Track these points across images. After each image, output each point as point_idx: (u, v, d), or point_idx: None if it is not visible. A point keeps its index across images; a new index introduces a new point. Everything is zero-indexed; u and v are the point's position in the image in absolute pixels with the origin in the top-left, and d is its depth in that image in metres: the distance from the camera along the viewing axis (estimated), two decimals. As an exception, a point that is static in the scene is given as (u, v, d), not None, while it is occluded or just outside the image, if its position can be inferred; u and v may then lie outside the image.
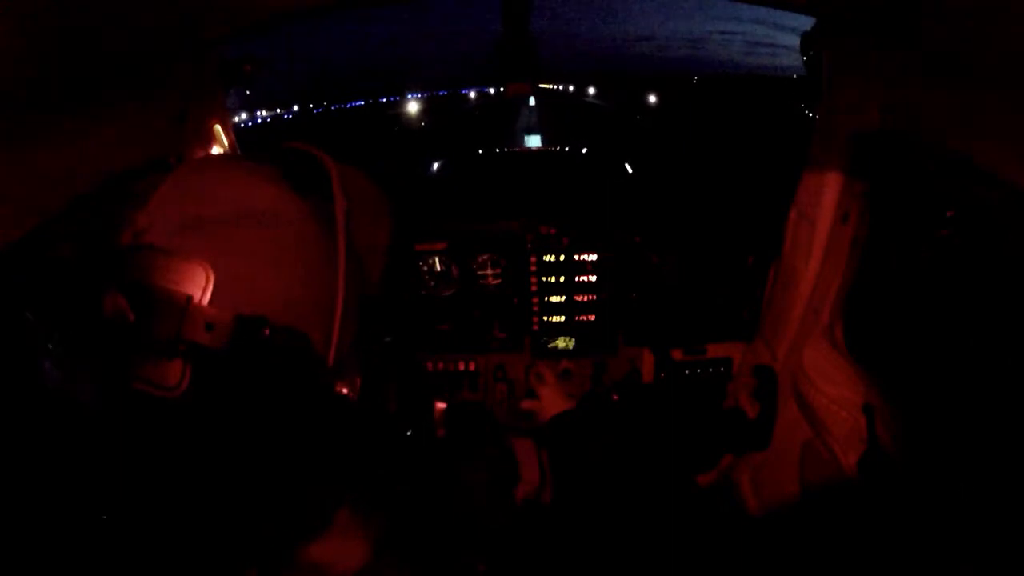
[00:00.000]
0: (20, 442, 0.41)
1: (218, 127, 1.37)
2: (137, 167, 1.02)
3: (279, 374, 0.49)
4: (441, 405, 1.29)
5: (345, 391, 0.55)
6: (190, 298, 0.45)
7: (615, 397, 1.94)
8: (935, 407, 1.10)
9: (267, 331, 0.47)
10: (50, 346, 0.41)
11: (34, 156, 0.78)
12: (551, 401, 1.41)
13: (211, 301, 0.46)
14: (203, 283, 0.46)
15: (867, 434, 1.17)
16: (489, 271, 1.93)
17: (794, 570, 1.34)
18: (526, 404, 1.51)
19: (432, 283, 1.93)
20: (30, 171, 0.77)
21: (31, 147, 0.77)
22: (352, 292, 0.56)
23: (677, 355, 1.95)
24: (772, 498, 1.70)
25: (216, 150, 1.36)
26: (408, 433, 0.70)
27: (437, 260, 1.91)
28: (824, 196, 1.37)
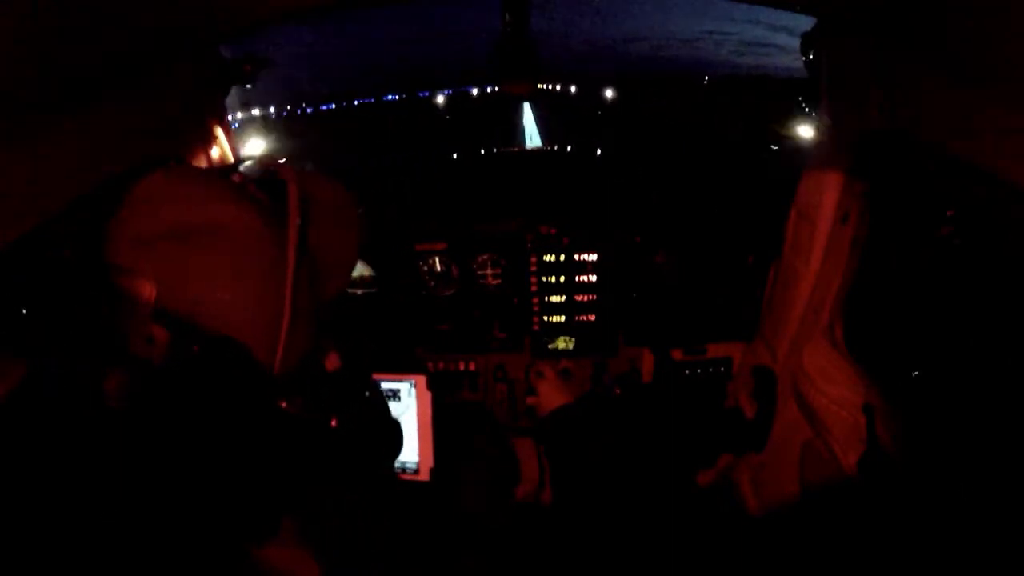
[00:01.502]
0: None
1: (218, 127, 1.37)
2: (137, 167, 1.02)
3: (215, 386, 0.50)
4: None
5: (284, 404, 0.56)
6: (134, 311, 0.47)
7: (617, 391, 1.94)
8: (935, 407, 1.10)
9: (196, 347, 0.49)
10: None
11: (34, 156, 0.77)
12: (549, 396, 1.42)
13: (156, 314, 0.48)
14: (146, 297, 0.48)
15: (867, 434, 1.17)
16: (489, 271, 1.93)
17: (794, 570, 1.34)
18: (529, 400, 1.52)
19: (432, 283, 1.93)
20: (30, 171, 0.77)
21: (31, 147, 0.77)
22: (302, 305, 0.57)
23: (677, 355, 1.95)
24: (772, 498, 1.70)
25: (215, 150, 1.36)
26: (351, 447, 0.71)
27: (437, 260, 1.91)
28: (824, 196, 1.37)
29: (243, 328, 0.53)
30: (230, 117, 1.44)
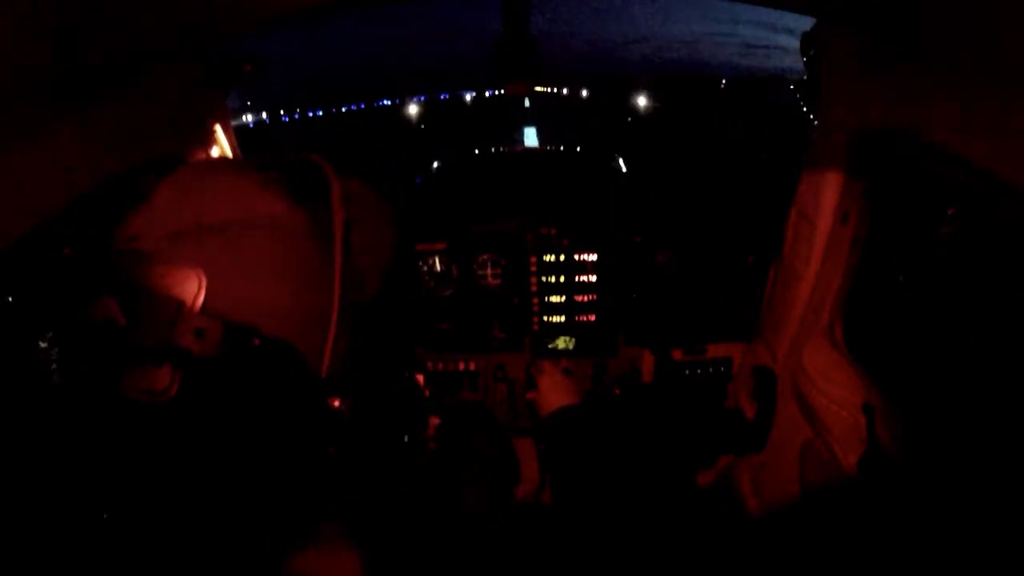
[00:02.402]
0: (16, 440, 0.41)
1: (218, 128, 1.37)
2: (137, 167, 1.02)
3: (268, 384, 0.48)
4: (436, 420, 1.29)
5: (337, 404, 0.55)
6: (181, 304, 0.45)
7: (617, 391, 1.94)
8: (935, 407, 1.10)
9: (257, 341, 0.47)
10: (43, 345, 0.41)
11: (34, 156, 0.78)
12: (548, 391, 1.41)
13: (202, 308, 0.46)
14: (195, 290, 0.45)
15: (867, 434, 1.17)
16: (489, 271, 1.93)
17: (794, 570, 1.34)
18: (529, 395, 1.51)
19: (432, 283, 1.93)
20: (30, 171, 0.77)
21: (31, 147, 0.77)
22: (347, 305, 0.56)
23: (677, 355, 1.95)
24: (772, 498, 1.70)
25: (215, 151, 1.36)
26: (401, 446, 0.70)
27: (437, 260, 1.91)
28: (824, 196, 1.37)
29: (291, 325, 0.51)
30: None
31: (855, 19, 1.10)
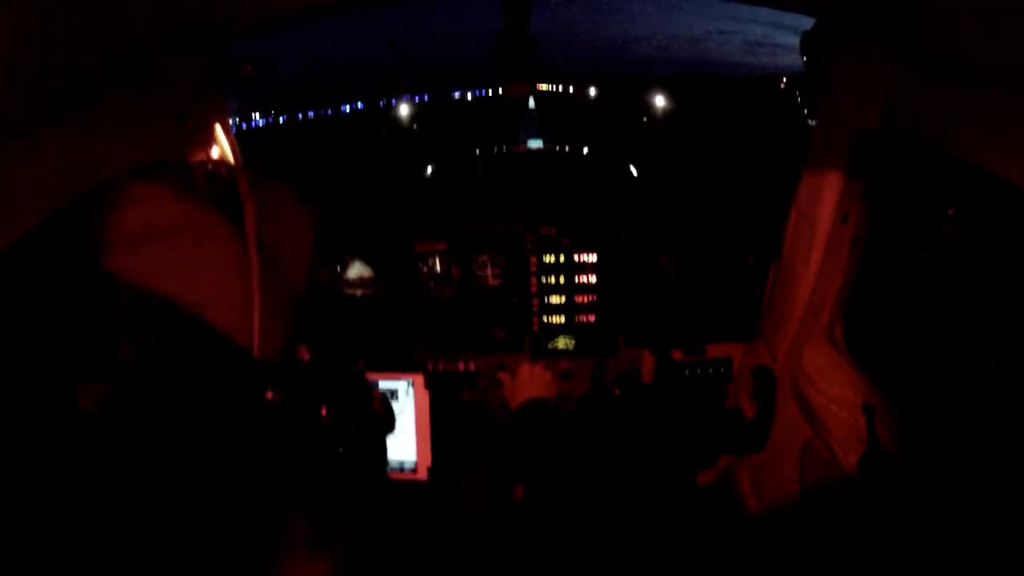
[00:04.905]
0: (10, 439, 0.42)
1: (218, 127, 1.37)
2: (137, 167, 1.02)
3: (205, 379, 0.51)
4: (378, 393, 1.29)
5: (270, 396, 0.57)
6: (118, 315, 0.48)
7: (617, 391, 1.94)
8: (935, 407, 1.10)
9: (182, 342, 0.50)
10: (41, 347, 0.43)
11: (34, 156, 0.78)
12: (522, 383, 1.39)
13: (135, 317, 0.49)
14: (125, 302, 0.49)
15: (867, 434, 1.17)
16: (489, 271, 1.93)
17: (794, 570, 1.34)
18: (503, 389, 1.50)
19: (432, 283, 1.94)
20: (30, 171, 0.77)
21: (31, 147, 0.77)
22: (271, 296, 0.58)
23: (677, 355, 1.95)
24: (772, 498, 1.70)
25: (216, 151, 1.36)
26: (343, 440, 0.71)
27: (437, 260, 1.91)
28: (824, 196, 1.37)
29: (219, 321, 0.54)
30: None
31: (855, 19, 1.10)
